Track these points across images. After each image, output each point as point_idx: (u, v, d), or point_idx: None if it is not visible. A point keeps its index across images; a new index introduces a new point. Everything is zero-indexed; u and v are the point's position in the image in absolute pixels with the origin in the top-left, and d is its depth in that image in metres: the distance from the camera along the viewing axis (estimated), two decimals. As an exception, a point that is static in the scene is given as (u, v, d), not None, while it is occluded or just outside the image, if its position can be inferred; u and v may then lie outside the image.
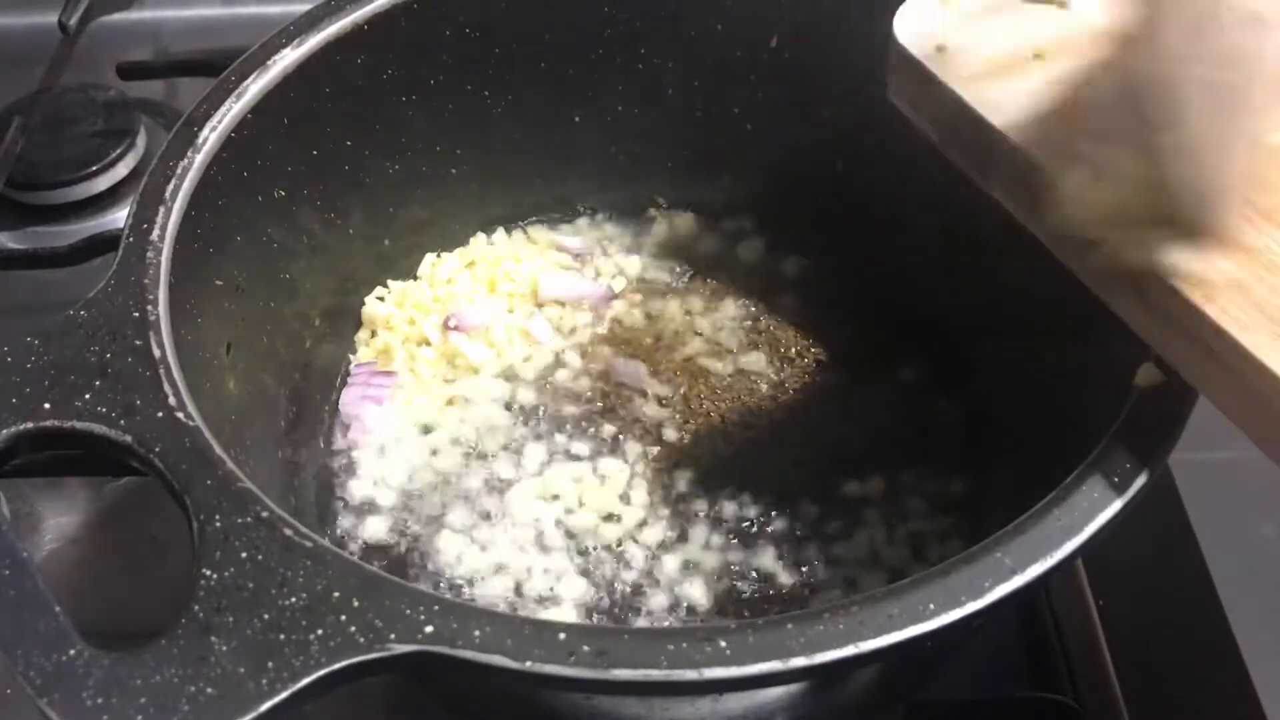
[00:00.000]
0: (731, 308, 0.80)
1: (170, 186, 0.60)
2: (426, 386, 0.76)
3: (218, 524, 0.47)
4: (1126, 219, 0.50)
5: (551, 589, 0.67)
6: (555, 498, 0.70)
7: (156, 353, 0.53)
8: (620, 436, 0.73)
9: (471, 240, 0.84)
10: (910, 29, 0.60)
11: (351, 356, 0.78)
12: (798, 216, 0.83)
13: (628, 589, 0.67)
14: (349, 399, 0.75)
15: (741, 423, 0.74)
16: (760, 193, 0.83)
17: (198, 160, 0.62)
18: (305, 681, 0.43)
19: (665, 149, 0.82)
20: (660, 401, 0.75)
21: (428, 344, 0.77)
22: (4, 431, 0.50)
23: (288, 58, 0.67)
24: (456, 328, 0.78)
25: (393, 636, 0.44)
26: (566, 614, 0.66)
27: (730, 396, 0.75)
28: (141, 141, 0.95)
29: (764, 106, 0.80)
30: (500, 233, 0.84)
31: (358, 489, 0.71)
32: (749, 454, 0.72)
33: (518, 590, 0.67)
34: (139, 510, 0.74)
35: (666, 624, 0.65)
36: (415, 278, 0.81)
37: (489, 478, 0.72)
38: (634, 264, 0.83)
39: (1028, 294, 0.69)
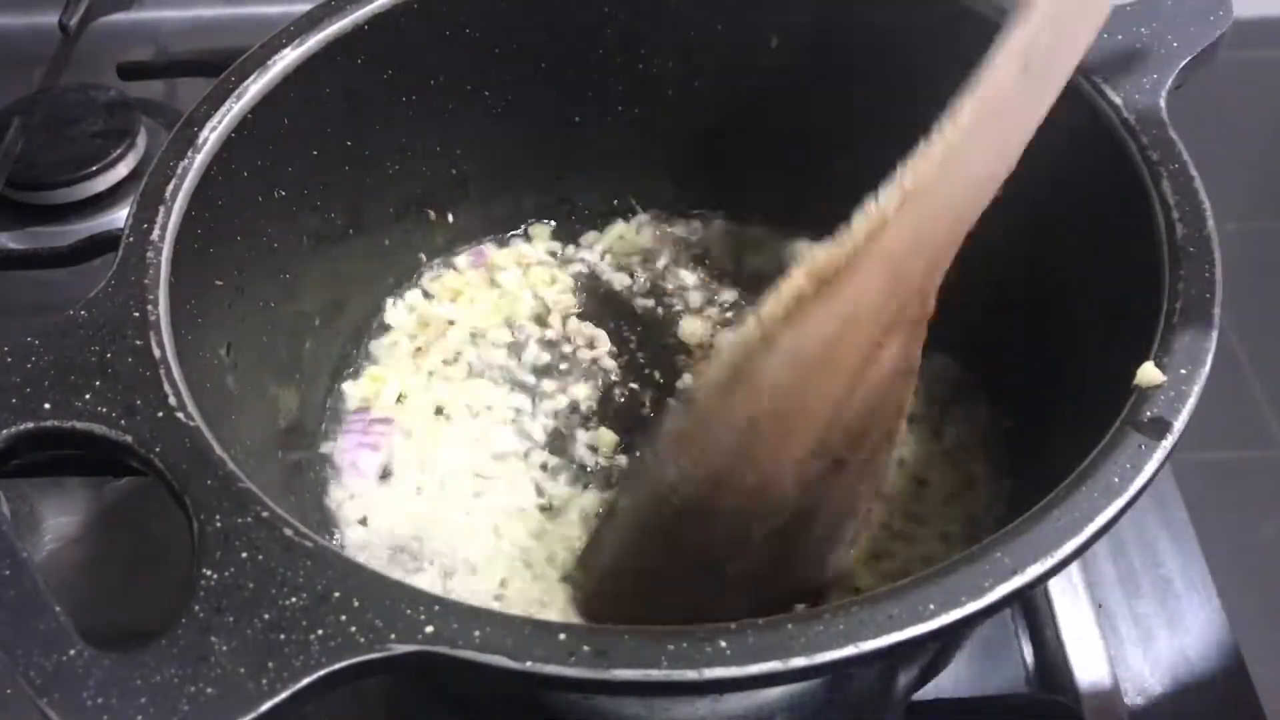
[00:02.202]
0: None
1: (170, 186, 0.60)
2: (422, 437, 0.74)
3: (218, 524, 0.47)
4: None
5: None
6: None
7: (156, 353, 0.53)
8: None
9: (472, 241, 0.83)
10: None
11: (353, 351, 0.77)
12: (802, 216, 0.83)
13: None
14: (345, 446, 0.72)
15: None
16: (764, 193, 0.83)
17: (198, 160, 0.61)
18: (305, 681, 0.43)
19: (665, 149, 0.82)
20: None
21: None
22: (4, 431, 0.50)
23: (288, 58, 0.67)
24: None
25: (393, 636, 0.44)
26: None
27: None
28: (141, 141, 0.95)
29: (765, 107, 0.80)
30: (501, 233, 0.84)
31: (351, 531, 0.69)
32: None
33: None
34: (139, 510, 0.74)
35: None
36: (416, 283, 0.81)
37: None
38: (637, 264, 0.83)
39: (1029, 295, 0.70)
